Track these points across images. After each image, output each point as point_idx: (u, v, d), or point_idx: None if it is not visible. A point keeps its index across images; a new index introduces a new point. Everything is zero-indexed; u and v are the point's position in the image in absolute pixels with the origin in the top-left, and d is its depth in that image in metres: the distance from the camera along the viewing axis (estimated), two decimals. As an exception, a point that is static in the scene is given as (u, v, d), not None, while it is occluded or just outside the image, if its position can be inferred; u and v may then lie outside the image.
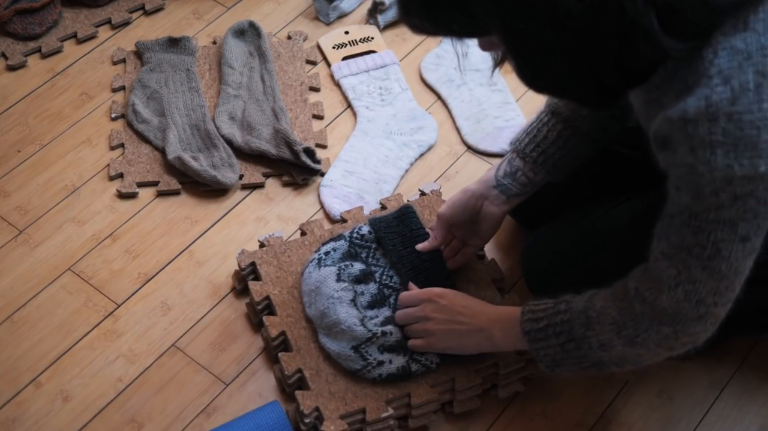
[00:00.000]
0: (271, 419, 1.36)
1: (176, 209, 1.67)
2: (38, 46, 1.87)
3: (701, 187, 1.05)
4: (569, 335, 1.24)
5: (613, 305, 1.20)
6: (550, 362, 1.27)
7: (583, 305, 1.23)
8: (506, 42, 1.06)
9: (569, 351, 1.24)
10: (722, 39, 1.03)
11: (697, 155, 1.03)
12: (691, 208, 1.08)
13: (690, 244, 1.10)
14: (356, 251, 1.49)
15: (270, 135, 1.72)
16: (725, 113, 1.02)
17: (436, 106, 1.82)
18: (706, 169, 1.04)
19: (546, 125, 1.40)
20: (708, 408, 1.45)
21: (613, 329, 1.19)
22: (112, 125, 1.77)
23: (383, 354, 1.39)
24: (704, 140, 1.03)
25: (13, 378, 1.47)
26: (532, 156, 1.39)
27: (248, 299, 1.53)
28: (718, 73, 1.02)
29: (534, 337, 1.27)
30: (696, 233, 1.09)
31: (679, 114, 1.03)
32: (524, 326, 1.28)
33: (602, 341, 1.21)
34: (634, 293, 1.17)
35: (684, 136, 1.04)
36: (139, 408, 1.44)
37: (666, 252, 1.13)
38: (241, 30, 1.88)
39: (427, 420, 1.40)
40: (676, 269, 1.12)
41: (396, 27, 1.94)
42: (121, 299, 1.55)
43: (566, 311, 1.24)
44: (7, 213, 1.65)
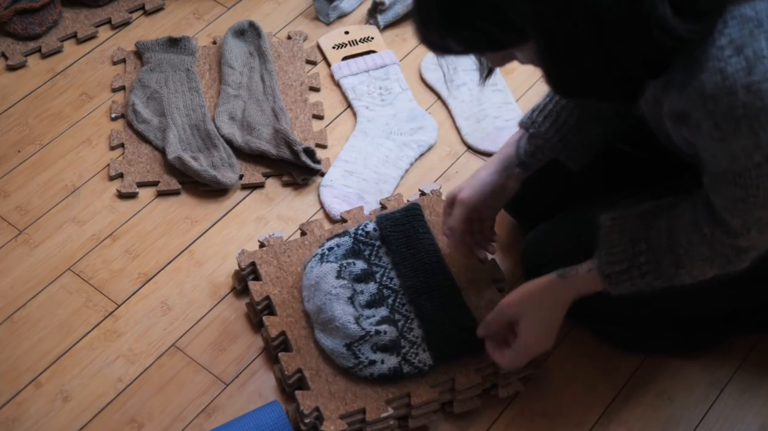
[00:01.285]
0: (271, 419, 1.36)
1: (176, 209, 1.67)
2: (38, 46, 1.87)
3: (734, 153, 1.07)
4: (657, 273, 1.22)
5: (700, 243, 1.19)
6: (627, 291, 1.25)
7: (667, 242, 1.21)
8: (541, 43, 1.05)
9: (655, 285, 1.23)
10: (731, 8, 1.03)
11: (722, 129, 1.04)
12: (732, 169, 1.09)
13: (743, 197, 1.11)
14: (360, 248, 1.49)
15: (270, 135, 1.72)
16: (743, 85, 1.02)
17: (436, 106, 1.82)
18: (735, 140, 1.05)
19: (565, 109, 1.38)
20: (708, 408, 1.45)
21: (706, 263, 1.20)
22: (112, 125, 1.77)
23: (376, 354, 1.39)
24: (726, 115, 1.03)
25: (13, 378, 1.47)
26: (553, 141, 1.38)
27: (248, 299, 1.53)
28: (730, 43, 1.02)
29: (617, 279, 1.24)
30: (744, 188, 1.10)
31: (697, 91, 1.04)
32: (603, 269, 1.24)
33: (695, 275, 1.21)
34: (712, 237, 1.18)
35: (705, 113, 1.04)
36: (139, 408, 1.44)
37: (724, 206, 1.14)
38: (241, 30, 1.88)
39: (427, 420, 1.40)
40: (741, 218, 1.13)
41: (396, 27, 1.94)
42: (121, 299, 1.55)
43: (649, 251, 1.22)
44: (7, 213, 1.65)
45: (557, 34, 1.03)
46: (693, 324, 1.46)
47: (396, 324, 1.42)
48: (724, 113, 1.03)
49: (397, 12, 1.93)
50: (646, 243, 1.23)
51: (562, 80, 1.10)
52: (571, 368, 1.48)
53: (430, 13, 1.06)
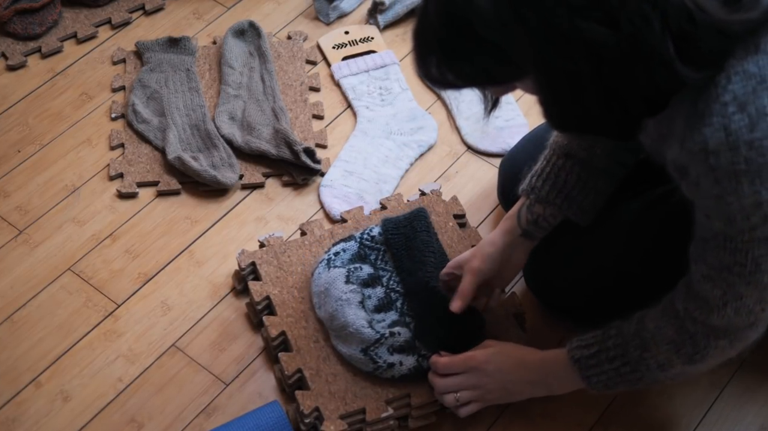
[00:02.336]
0: (271, 419, 1.36)
1: (176, 209, 1.67)
2: (38, 46, 1.87)
3: (732, 214, 1.05)
4: (624, 358, 1.23)
5: (667, 325, 1.20)
6: (603, 386, 1.27)
7: (635, 327, 1.23)
8: (541, 80, 1.05)
9: (624, 374, 1.24)
10: (734, 63, 1.02)
11: (723, 186, 1.04)
12: (725, 232, 1.08)
13: (729, 264, 1.10)
14: (365, 253, 1.49)
15: (270, 135, 1.72)
16: (745, 142, 1.01)
17: (436, 106, 1.82)
18: (735, 198, 1.04)
19: (563, 170, 1.36)
20: (708, 408, 1.45)
21: (671, 348, 1.20)
22: (112, 125, 1.77)
23: (393, 356, 1.38)
24: (727, 170, 1.02)
25: (13, 378, 1.46)
26: (556, 203, 1.37)
27: (248, 299, 1.53)
28: (733, 100, 1.01)
29: (585, 364, 1.26)
30: (734, 254, 1.09)
31: (700, 146, 1.03)
32: (573, 353, 1.27)
33: (660, 361, 1.21)
34: (684, 314, 1.18)
35: (706, 167, 1.04)
36: (139, 408, 1.44)
37: (707, 275, 1.13)
38: (241, 30, 1.88)
39: (427, 420, 1.40)
40: (721, 289, 1.13)
41: (396, 27, 1.94)
42: (121, 299, 1.55)
43: (618, 335, 1.24)
44: (7, 213, 1.65)
45: (557, 73, 1.02)
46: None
47: (408, 326, 1.41)
48: (725, 169, 1.02)
49: (397, 12, 1.93)
50: (616, 329, 1.25)
51: (561, 116, 1.09)
52: (571, 368, 1.48)
53: (429, 48, 1.06)
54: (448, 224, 1.57)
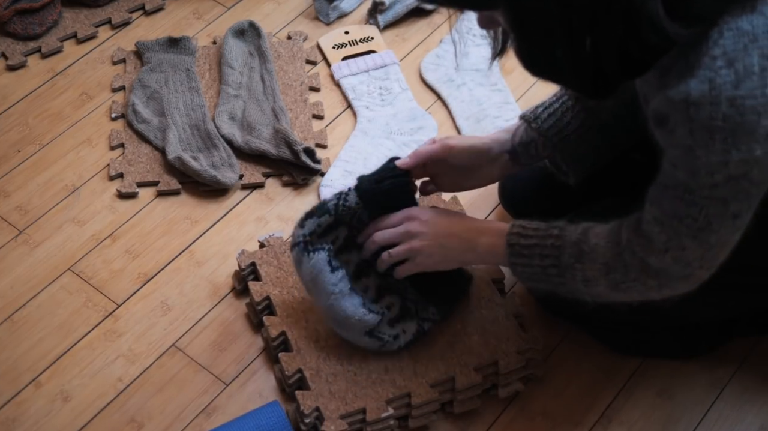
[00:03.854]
0: (271, 419, 1.36)
1: (176, 209, 1.67)
2: (38, 46, 1.87)
3: (698, 168, 1.06)
4: (555, 260, 1.23)
5: (606, 247, 1.20)
6: (525, 278, 1.27)
7: (577, 236, 1.23)
8: (509, 17, 1.05)
9: (550, 275, 1.24)
10: (729, 20, 1.02)
11: (696, 138, 1.04)
12: (686, 184, 1.09)
13: (682, 215, 1.11)
14: (341, 219, 1.40)
15: (270, 135, 1.72)
16: (728, 98, 1.01)
17: (436, 106, 1.83)
18: (704, 152, 1.04)
19: (570, 111, 1.36)
20: (708, 407, 1.45)
21: (603, 269, 1.20)
22: (112, 125, 1.77)
23: (395, 328, 1.39)
24: (704, 124, 1.03)
25: (13, 378, 1.47)
26: (553, 141, 1.36)
27: (248, 299, 1.53)
28: (723, 55, 1.02)
29: (517, 251, 1.26)
30: (689, 206, 1.10)
31: (682, 96, 1.03)
32: (510, 238, 1.27)
33: (587, 277, 1.21)
34: (626, 245, 1.18)
35: (684, 117, 1.04)
36: (139, 408, 1.44)
37: (658, 218, 1.14)
38: (241, 30, 1.88)
39: (427, 420, 1.40)
40: (667, 235, 1.13)
41: (396, 27, 1.94)
42: (121, 299, 1.55)
43: (558, 237, 1.24)
44: (7, 213, 1.65)
45: (524, 9, 1.02)
46: (692, 330, 1.46)
47: (394, 289, 1.41)
48: (702, 122, 1.03)
49: (397, 12, 1.93)
50: (559, 230, 1.24)
51: (530, 58, 1.09)
52: (571, 368, 1.48)
53: None
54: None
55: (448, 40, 1.89)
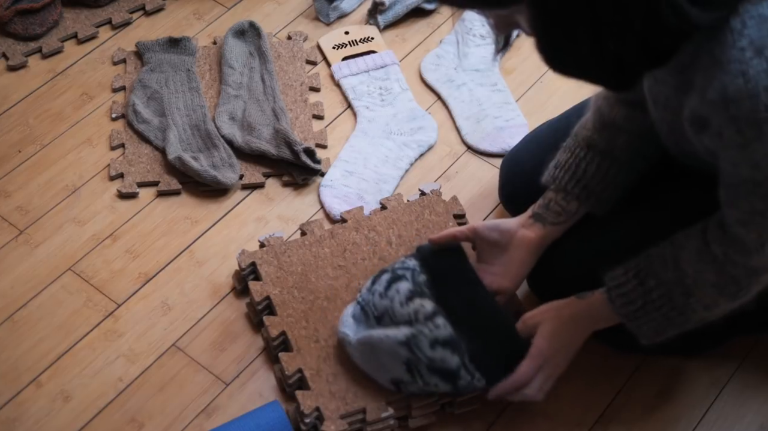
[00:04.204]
0: (271, 419, 1.36)
1: (176, 209, 1.67)
2: (39, 46, 1.88)
3: (757, 160, 1.06)
4: (671, 305, 1.24)
5: (707, 269, 1.20)
6: (653, 333, 1.27)
7: (674, 274, 1.22)
8: (534, 13, 1.03)
9: (673, 318, 1.25)
10: (749, 7, 1.02)
11: (746, 134, 1.03)
12: (753, 178, 1.08)
13: (761, 209, 1.11)
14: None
15: (270, 135, 1.72)
16: (765, 87, 1.01)
17: (436, 106, 1.83)
18: (759, 145, 1.04)
19: (584, 160, 1.37)
20: (708, 407, 1.45)
21: (715, 290, 1.20)
22: (113, 125, 1.77)
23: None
24: (749, 118, 1.02)
25: (14, 378, 1.47)
26: (574, 192, 1.37)
27: (248, 299, 1.53)
28: (750, 44, 1.01)
29: (633, 316, 1.27)
30: (764, 199, 1.10)
31: (719, 95, 1.03)
32: (620, 311, 1.27)
33: (706, 303, 1.22)
34: (724, 258, 1.18)
35: (727, 117, 1.03)
36: (139, 408, 1.44)
37: (740, 219, 1.14)
38: (241, 30, 1.88)
39: (427, 420, 1.40)
40: (756, 232, 1.13)
41: (396, 27, 1.94)
42: (121, 299, 1.56)
43: (660, 286, 1.24)
44: (7, 213, 1.65)
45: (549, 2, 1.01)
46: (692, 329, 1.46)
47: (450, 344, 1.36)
48: (746, 117, 1.02)
49: (397, 12, 1.93)
50: (654, 278, 1.24)
51: (552, 50, 1.07)
52: (571, 368, 1.47)
53: None
54: (448, 224, 1.57)
55: (448, 40, 1.89)
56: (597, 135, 1.37)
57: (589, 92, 1.79)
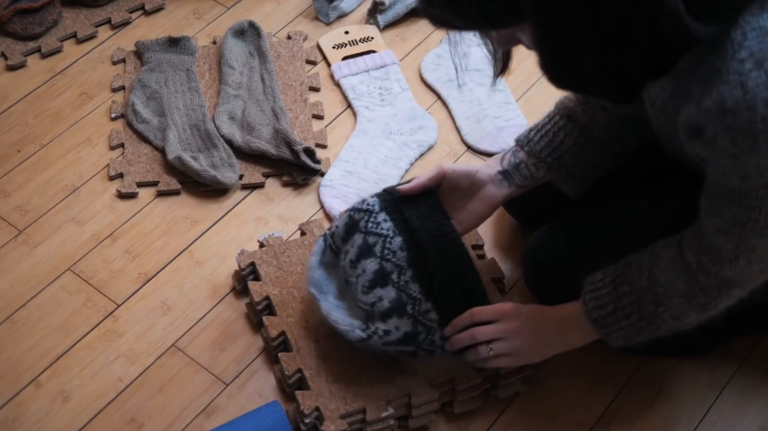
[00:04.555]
0: (271, 419, 1.36)
1: (176, 209, 1.67)
2: (38, 46, 1.87)
3: (748, 172, 1.06)
4: (640, 314, 1.24)
5: (678, 279, 1.21)
6: (623, 340, 1.28)
7: (647, 282, 1.23)
8: (538, 27, 1.03)
9: (641, 327, 1.26)
10: (750, 19, 1.02)
11: (740, 145, 1.04)
12: (740, 188, 1.09)
13: (743, 219, 1.11)
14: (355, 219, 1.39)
15: (270, 135, 1.72)
16: (763, 99, 1.01)
17: (436, 106, 1.83)
18: (751, 157, 1.04)
19: (562, 130, 1.38)
20: (708, 407, 1.45)
21: (684, 301, 1.21)
22: (112, 125, 1.77)
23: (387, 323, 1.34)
24: (745, 129, 1.03)
25: (13, 378, 1.46)
26: (547, 161, 1.38)
27: (248, 299, 1.53)
28: (750, 56, 1.01)
29: (603, 323, 1.27)
30: (748, 210, 1.10)
31: (717, 104, 1.03)
32: (590, 314, 1.28)
33: (675, 313, 1.23)
34: (697, 267, 1.19)
35: (723, 127, 1.04)
36: (139, 408, 1.44)
37: (721, 228, 1.14)
38: (241, 30, 1.88)
39: (427, 420, 1.40)
40: (734, 242, 1.14)
41: (396, 27, 1.94)
42: (121, 299, 1.55)
43: (632, 292, 1.24)
44: (7, 213, 1.65)
45: (552, 16, 1.01)
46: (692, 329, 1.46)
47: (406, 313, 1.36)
48: (742, 128, 1.02)
49: (397, 12, 1.93)
50: (628, 285, 1.25)
51: (556, 67, 1.08)
52: (571, 368, 1.48)
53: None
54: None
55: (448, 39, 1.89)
56: (580, 108, 1.37)
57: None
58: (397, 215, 1.39)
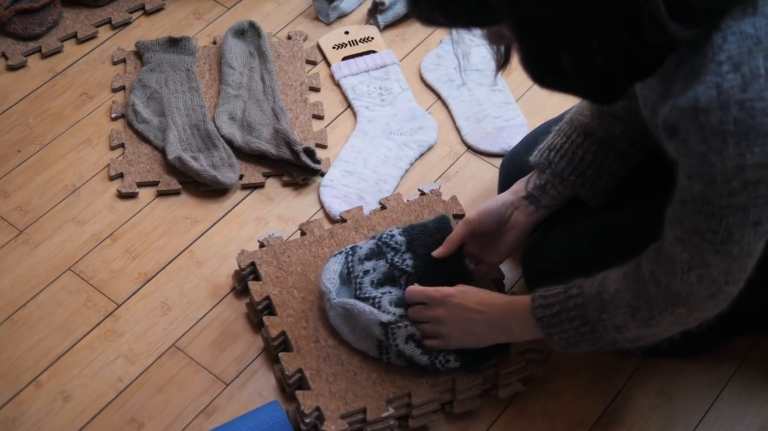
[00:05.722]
0: (271, 419, 1.36)
1: (176, 209, 1.67)
2: (38, 46, 1.88)
3: (713, 176, 1.06)
4: (583, 319, 1.24)
5: (627, 289, 1.20)
6: (564, 344, 1.28)
7: (596, 289, 1.23)
8: (515, 29, 1.04)
9: (584, 333, 1.25)
10: (731, 24, 1.02)
11: (709, 144, 1.04)
12: (704, 195, 1.08)
13: (702, 229, 1.10)
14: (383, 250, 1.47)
15: (270, 135, 1.72)
16: (736, 101, 1.01)
17: (436, 106, 1.83)
18: (718, 158, 1.04)
19: (581, 147, 1.38)
20: (708, 407, 1.45)
21: (628, 312, 1.20)
22: (112, 125, 1.77)
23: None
24: (716, 129, 1.03)
25: (13, 378, 1.47)
26: (570, 179, 1.39)
27: (248, 299, 1.53)
28: (728, 59, 1.02)
29: (547, 323, 1.27)
30: (708, 219, 1.09)
31: (691, 103, 1.03)
32: (536, 312, 1.28)
33: (617, 324, 1.22)
34: (649, 277, 1.18)
35: (695, 125, 1.04)
36: (139, 408, 1.44)
37: (679, 237, 1.13)
38: (241, 30, 1.88)
39: (427, 420, 1.40)
40: (689, 253, 1.13)
41: (396, 27, 1.94)
42: (121, 299, 1.55)
43: (579, 296, 1.25)
44: (7, 213, 1.65)
45: (530, 20, 1.02)
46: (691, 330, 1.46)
47: None
48: (713, 128, 1.03)
49: (397, 12, 1.93)
50: (578, 289, 1.26)
51: (537, 67, 1.09)
52: (571, 368, 1.48)
53: None
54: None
55: (449, 40, 1.89)
56: (595, 123, 1.38)
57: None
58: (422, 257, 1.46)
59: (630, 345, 1.26)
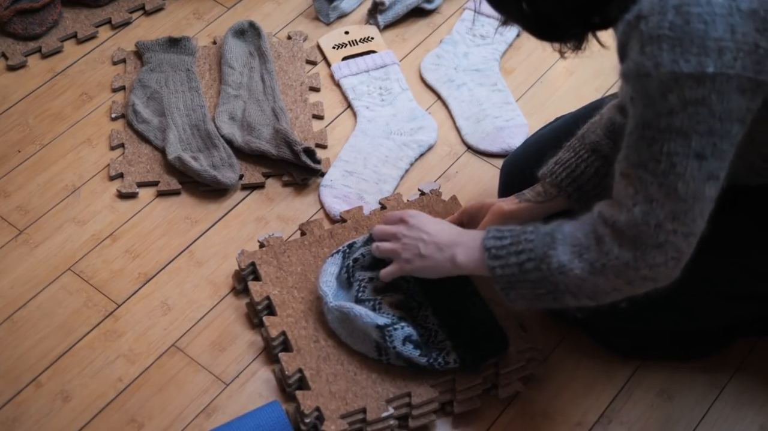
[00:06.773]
0: (271, 419, 1.36)
1: (176, 209, 1.67)
2: (38, 46, 1.88)
3: (650, 89, 1.06)
4: (530, 254, 1.22)
5: (579, 229, 1.19)
6: (506, 283, 1.24)
7: (551, 228, 1.22)
8: None
9: (527, 271, 1.22)
10: None
11: (645, 51, 1.05)
12: (644, 116, 1.08)
13: (645, 159, 1.10)
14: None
15: (270, 135, 1.72)
16: (674, 6, 1.03)
17: (436, 106, 1.83)
18: (653, 65, 1.05)
19: (585, 161, 1.39)
20: (708, 407, 1.45)
21: (576, 251, 1.18)
22: (113, 125, 1.77)
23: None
24: (652, 34, 1.04)
25: (13, 378, 1.47)
26: (567, 191, 1.40)
27: (248, 299, 1.53)
28: None
29: (494, 254, 1.25)
30: (650, 145, 1.09)
31: (635, 13, 1.06)
32: (486, 242, 1.27)
33: (562, 262, 1.19)
34: (597, 216, 1.17)
35: (637, 34, 1.06)
36: (139, 408, 1.44)
37: (624, 172, 1.13)
38: (241, 30, 1.88)
39: (427, 420, 1.40)
40: (633, 187, 1.12)
41: (396, 27, 1.94)
42: (121, 299, 1.55)
43: (532, 232, 1.23)
44: (7, 213, 1.65)
45: None
46: (692, 335, 1.46)
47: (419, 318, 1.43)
48: (650, 32, 1.04)
49: (397, 12, 1.93)
50: (533, 226, 1.24)
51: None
52: (571, 368, 1.48)
53: None
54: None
55: (449, 40, 1.90)
56: (604, 142, 1.39)
57: (589, 93, 1.80)
58: None
59: (572, 299, 1.21)
